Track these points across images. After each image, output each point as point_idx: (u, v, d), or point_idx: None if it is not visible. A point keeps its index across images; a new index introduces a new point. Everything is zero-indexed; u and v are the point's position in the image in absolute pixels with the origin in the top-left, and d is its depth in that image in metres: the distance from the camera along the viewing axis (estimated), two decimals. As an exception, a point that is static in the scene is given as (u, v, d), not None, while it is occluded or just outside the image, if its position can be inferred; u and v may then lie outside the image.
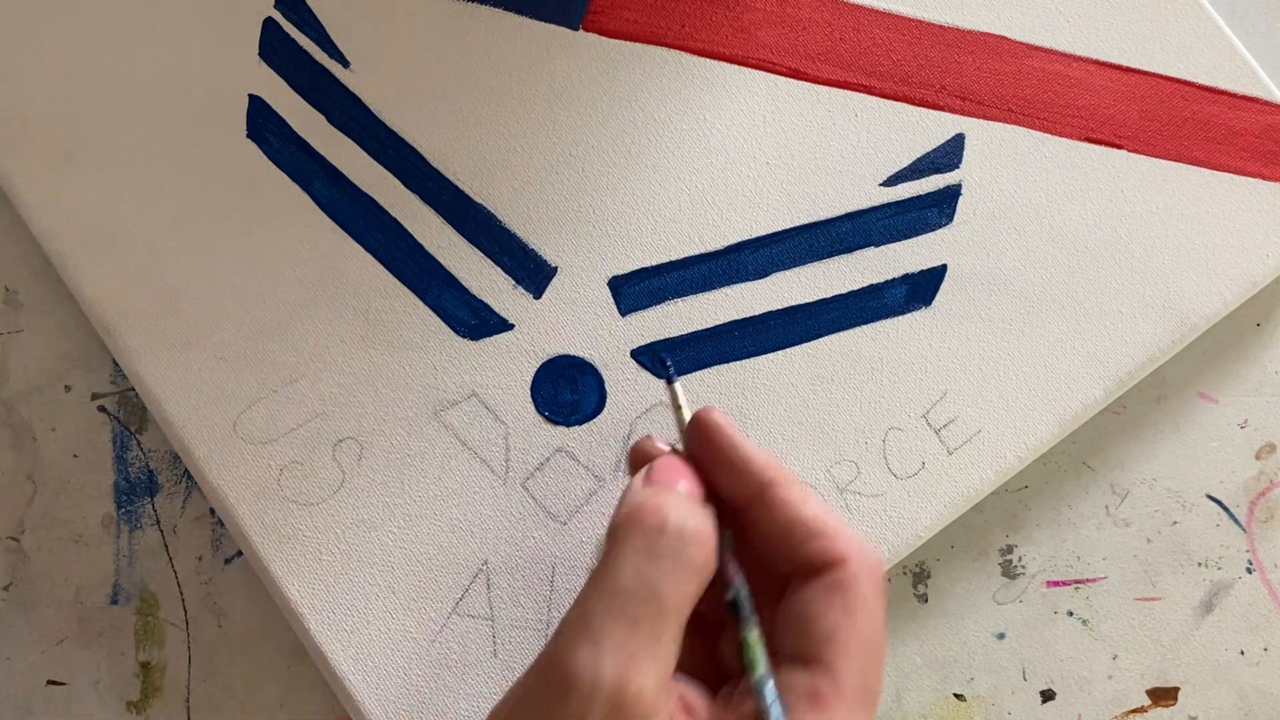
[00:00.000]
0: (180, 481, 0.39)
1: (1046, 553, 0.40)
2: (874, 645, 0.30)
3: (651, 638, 0.29)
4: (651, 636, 0.29)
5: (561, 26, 0.40)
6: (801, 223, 0.39)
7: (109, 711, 0.38)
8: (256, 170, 0.39)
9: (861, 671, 0.30)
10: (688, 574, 0.29)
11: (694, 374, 0.39)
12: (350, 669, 0.36)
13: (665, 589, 0.29)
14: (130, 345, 0.38)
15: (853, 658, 0.30)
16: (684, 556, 0.29)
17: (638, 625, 0.29)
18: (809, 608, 0.30)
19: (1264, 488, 0.41)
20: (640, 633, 0.29)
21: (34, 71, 0.39)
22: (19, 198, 0.38)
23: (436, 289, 0.38)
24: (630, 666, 0.28)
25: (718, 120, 0.40)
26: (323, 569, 0.37)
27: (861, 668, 0.30)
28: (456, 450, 0.38)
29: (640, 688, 0.28)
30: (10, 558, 0.38)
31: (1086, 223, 0.40)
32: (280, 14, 0.39)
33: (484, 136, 0.39)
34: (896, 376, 0.39)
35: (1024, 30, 0.40)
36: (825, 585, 0.30)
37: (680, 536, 0.30)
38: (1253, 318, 0.41)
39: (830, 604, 0.30)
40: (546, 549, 0.37)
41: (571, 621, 0.29)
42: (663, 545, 0.29)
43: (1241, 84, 0.40)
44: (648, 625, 0.29)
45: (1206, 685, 0.40)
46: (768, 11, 0.40)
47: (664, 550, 0.29)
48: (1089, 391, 0.39)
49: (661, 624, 0.29)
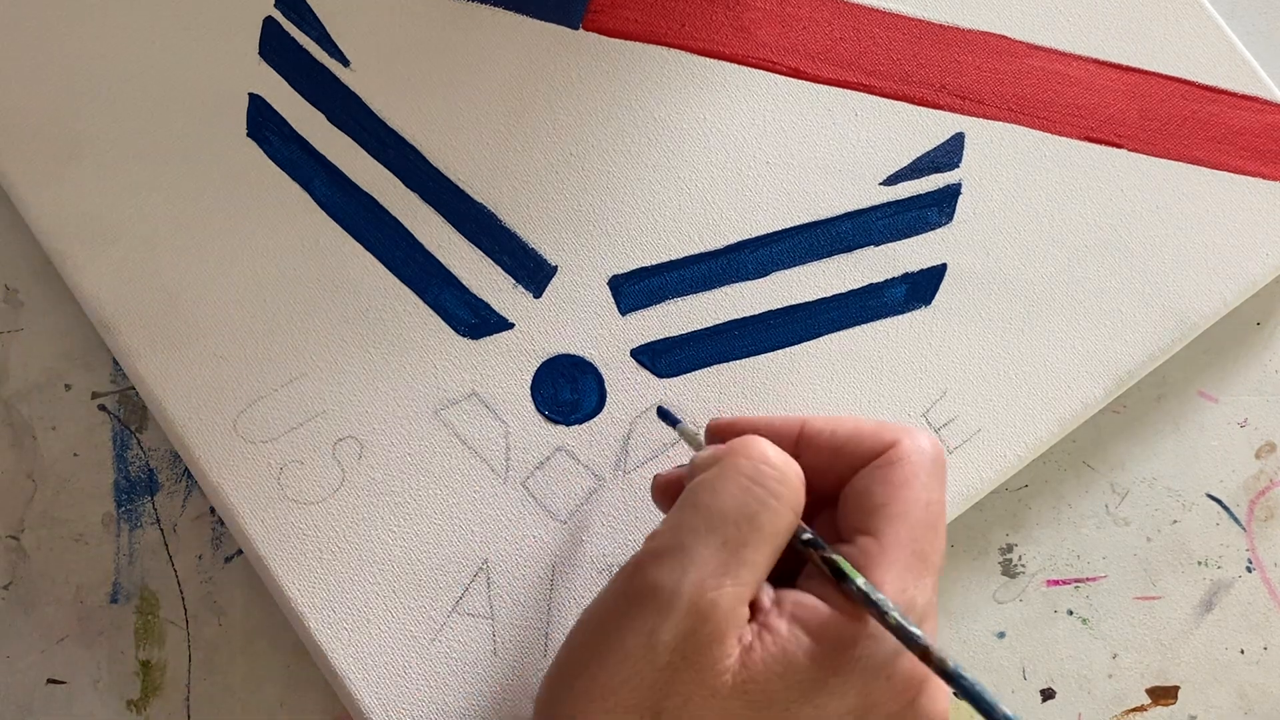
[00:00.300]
0: (180, 480, 0.39)
1: (1046, 552, 0.40)
2: (926, 515, 0.31)
3: (738, 560, 0.30)
4: (738, 559, 0.30)
5: (561, 26, 0.40)
6: (801, 222, 0.39)
7: (109, 710, 0.38)
8: (257, 169, 0.39)
9: (912, 539, 0.31)
10: (784, 507, 0.31)
11: (694, 373, 0.39)
12: (350, 667, 0.36)
13: (763, 517, 0.30)
14: (130, 344, 0.38)
15: (902, 525, 0.31)
16: (784, 490, 0.31)
17: (726, 546, 0.30)
18: (862, 486, 0.32)
19: (1264, 487, 0.41)
20: (727, 553, 0.30)
21: (34, 71, 0.39)
22: (19, 197, 0.38)
23: (436, 288, 0.38)
24: (709, 585, 0.29)
25: (717, 119, 0.40)
26: (322, 568, 0.37)
27: (912, 535, 0.31)
28: (456, 449, 0.38)
29: (715, 603, 0.29)
30: (10, 556, 0.38)
31: (1086, 222, 0.40)
32: (280, 13, 0.39)
33: (484, 136, 0.39)
34: (896, 375, 0.39)
35: (1024, 29, 0.40)
36: (877, 466, 0.32)
37: (784, 472, 0.31)
38: (1253, 317, 0.41)
39: (881, 480, 0.32)
40: (546, 548, 0.37)
41: (663, 535, 0.31)
42: (765, 476, 0.31)
43: (1241, 83, 0.40)
44: (735, 547, 0.30)
45: (1206, 684, 0.40)
46: (768, 11, 0.40)
47: (767, 481, 0.31)
48: (1089, 390, 0.39)
49: (750, 549, 0.30)
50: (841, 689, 0.30)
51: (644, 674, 0.29)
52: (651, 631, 0.29)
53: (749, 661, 0.29)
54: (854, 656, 0.30)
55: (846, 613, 0.30)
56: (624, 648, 0.30)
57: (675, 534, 0.30)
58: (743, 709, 0.29)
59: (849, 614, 0.30)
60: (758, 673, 0.29)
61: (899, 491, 0.31)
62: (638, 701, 0.29)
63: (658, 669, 0.29)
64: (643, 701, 0.29)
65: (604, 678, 0.30)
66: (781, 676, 0.29)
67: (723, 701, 0.29)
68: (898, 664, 0.30)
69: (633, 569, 0.31)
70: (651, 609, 0.29)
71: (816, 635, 0.30)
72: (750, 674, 0.29)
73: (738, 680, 0.29)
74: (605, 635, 0.30)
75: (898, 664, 0.30)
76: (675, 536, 0.30)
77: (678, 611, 0.29)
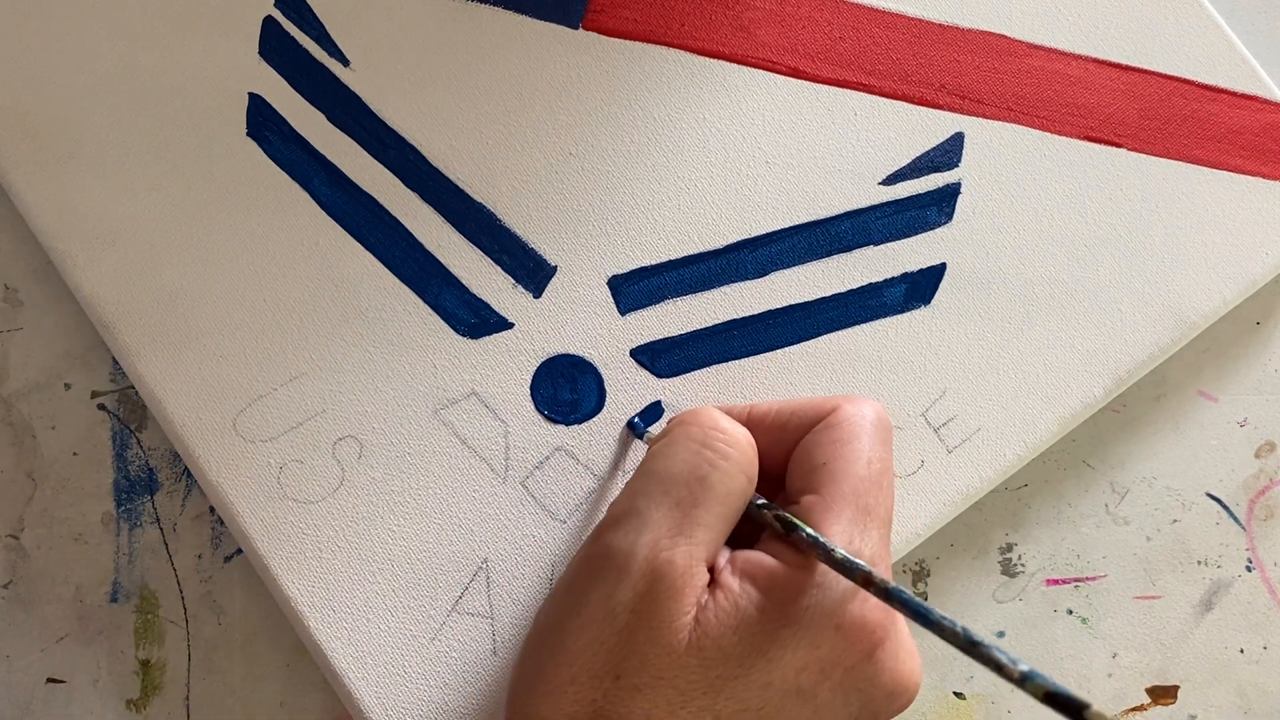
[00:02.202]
0: (180, 479, 0.39)
1: (1046, 551, 0.40)
2: (869, 471, 0.32)
3: (691, 520, 0.31)
4: (691, 519, 0.31)
5: (561, 25, 0.40)
6: (801, 221, 0.39)
7: (109, 709, 0.38)
8: (256, 169, 0.39)
9: (855, 493, 0.32)
10: (734, 468, 0.32)
11: (693, 373, 0.39)
12: (350, 667, 0.36)
13: (713, 477, 0.31)
14: (130, 343, 0.38)
15: (844, 480, 0.32)
16: (733, 454, 0.32)
17: (679, 507, 0.31)
18: (805, 450, 0.33)
19: (1264, 486, 0.41)
20: (680, 513, 0.31)
21: (34, 71, 0.39)
22: (19, 196, 0.38)
23: (436, 287, 0.38)
24: (663, 545, 0.30)
25: (717, 119, 0.40)
26: (322, 567, 0.37)
27: (855, 490, 0.32)
28: (456, 449, 0.38)
29: (670, 560, 0.30)
30: (10, 555, 0.38)
31: (1086, 221, 0.40)
32: (280, 12, 0.39)
33: (484, 135, 0.39)
34: (895, 375, 0.39)
35: (1023, 29, 0.40)
36: (819, 429, 0.33)
37: (732, 434, 0.32)
38: (1252, 316, 0.41)
39: (823, 442, 0.33)
40: (546, 547, 0.37)
41: (619, 502, 0.32)
42: (714, 440, 0.32)
43: (1241, 82, 0.40)
44: (688, 507, 0.31)
45: (1206, 683, 0.40)
46: (767, 10, 0.40)
47: (715, 444, 0.32)
48: (1088, 390, 0.39)
49: (702, 509, 0.31)
50: (793, 640, 0.30)
51: (604, 637, 0.30)
52: (609, 595, 0.30)
53: (703, 619, 0.30)
54: (802, 606, 0.30)
55: (795, 565, 0.31)
56: (585, 612, 0.30)
57: (630, 499, 0.32)
58: (699, 666, 0.30)
59: (797, 566, 0.31)
60: (711, 628, 0.30)
61: (840, 449, 0.32)
62: (599, 665, 0.30)
63: (616, 631, 0.30)
64: (604, 665, 0.30)
65: (568, 644, 0.31)
66: (735, 630, 0.30)
67: (679, 658, 0.30)
68: (845, 612, 0.30)
69: (592, 538, 0.32)
70: (609, 572, 0.30)
71: (765, 588, 0.30)
72: (704, 630, 0.30)
73: (693, 638, 0.30)
74: (569, 603, 0.31)
75: (845, 612, 0.30)
76: (630, 501, 0.31)
77: (633, 573, 0.30)
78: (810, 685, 0.30)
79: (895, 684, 0.31)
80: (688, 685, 0.30)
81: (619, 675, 0.30)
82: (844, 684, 0.30)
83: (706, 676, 0.30)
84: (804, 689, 0.30)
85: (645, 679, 0.30)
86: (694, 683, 0.30)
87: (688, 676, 0.30)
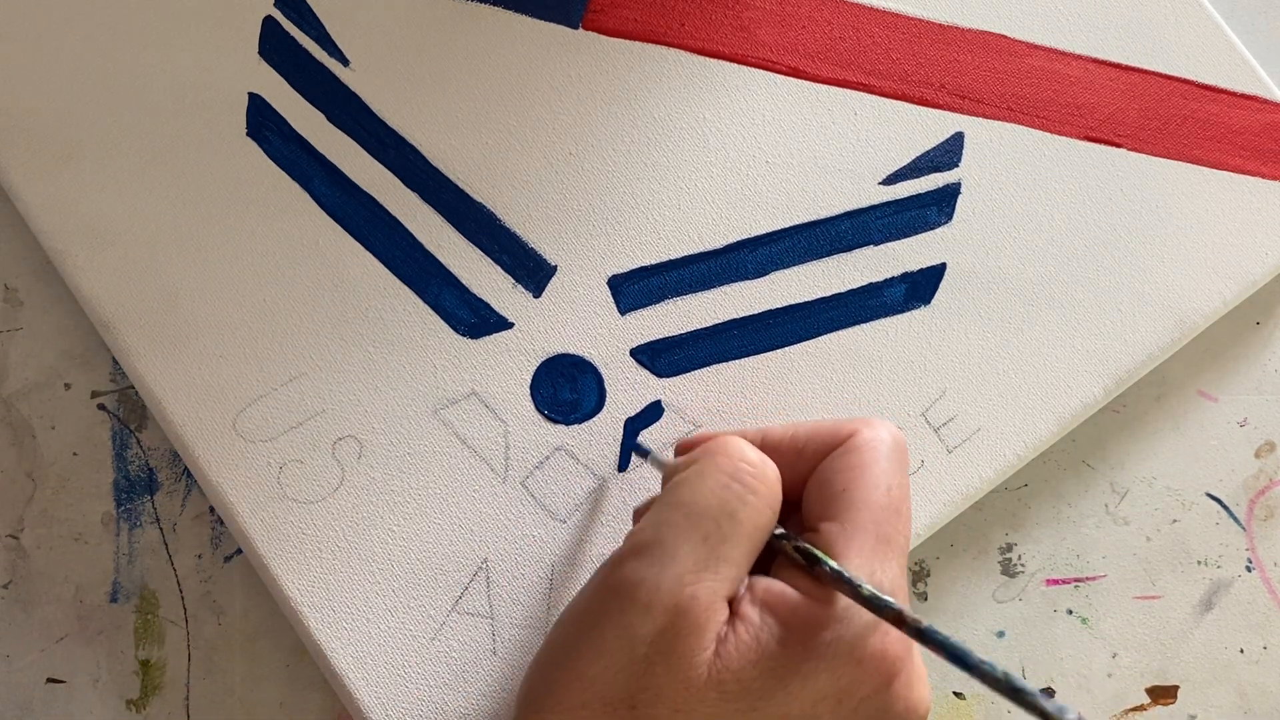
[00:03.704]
0: (180, 479, 0.39)
1: (1046, 551, 0.40)
2: (888, 499, 0.32)
3: (717, 556, 0.30)
4: (718, 556, 0.30)
5: (561, 25, 0.40)
6: (801, 221, 0.39)
7: (109, 709, 0.38)
8: (256, 169, 0.39)
9: (875, 522, 0.31)
10: (763, 503, 0.31)
11: (694, 373, 0.39)
12: (350, 667, 0.36)
13: (743, 513, 0.31)
14: (130, 343, 0.38)
15: (864, 509, 0.31)
16: (762, 487, 0.31)
17: (706, 542, 0.30)
18: (823, 476, 0.32)
19: (1263, 486, 0.41)
20: (707, 549, 0.30)
21: (34, 71, 0.39)
22: (19, 196, 0.38)
23: (436, 287, 0.38)
24: (689, 580, 0.30)
25: (717, 119, 0.40)
26: (322, 567, 0.37)
27: (875, 519, 0.31)
28: (456, 448, 0.38)
29: (694, 597, 0.30)
30: (10, 555, 0.38)
31: (1086, 221, 0.40)
32: (280, 12, 0.39)
33: (484, 135, 0.39)
34: (895, 375, 0.39)
35: (1023, 29, 0.40)
36: (836, 455, 0.33)
37: (761, 469, 0.31)
38: (1252, 316, 0.41)
39: (841, 468, 0.32)
40: (546, 547, 0.37)
41: (644, 531, 0.31)
42: (743, 474, 0.31)
43: (1241, 82, 0.40)
44: (715, 544, 0.30)
45: (1206, 683, 0.40)
46: (767, 10, 0.40)
47: (745, 478, 0.31)
48: (1088, 390, 0.39)
49: (730, 546, 0.30)
50: (813, 673, 0.30)
51: (621, 667, 0.30)
52: (630, 626, 0.30)
53: (723, 652, 0.30)
54: (824, 640, 0.30)
55: (815, 597, 0.30)
56: (603, 642, 0.30)
57: (656, 530, 0.31)
58: (718, 699, 0.30)
59: (818, 598, 0.30)
60: (732, 662, 0.30)
61: (859, 476, 0.32)
62: (614, 694, 0.30)
63: (635, 662, 0.30)
64: (618, 694, 0.30)
65: (582, 670, 0.30)
66: (755, 664, 0.30)
67: (699, 691, 0.29)
68: (867, 645, 0.30)
69: (613, 565, 0.31)
70: (631, 604, 0.30)
71: (786, 621, 0.30)
72: (725, 664, 0.30)
73: (713, 671, 0.30)
74: (585, 630, 0.31)
75: (867, 645, 0.30)
76: (656, 532, 0.31)
77: (657, 607, 0.29)
78: (825, 714, 0.30)
79: (908, 712, 0.31)
80: (705, 717, 0.30)
81: (634, 705, 0.30)
82: (858, 711, 0.30)
83: (725, 709, 0.30)
84: (819, 718, 0.30)
85: (662, 711, 0.30)
86: (711, 715, 0.30)
87: (706, 709, 0.30)
